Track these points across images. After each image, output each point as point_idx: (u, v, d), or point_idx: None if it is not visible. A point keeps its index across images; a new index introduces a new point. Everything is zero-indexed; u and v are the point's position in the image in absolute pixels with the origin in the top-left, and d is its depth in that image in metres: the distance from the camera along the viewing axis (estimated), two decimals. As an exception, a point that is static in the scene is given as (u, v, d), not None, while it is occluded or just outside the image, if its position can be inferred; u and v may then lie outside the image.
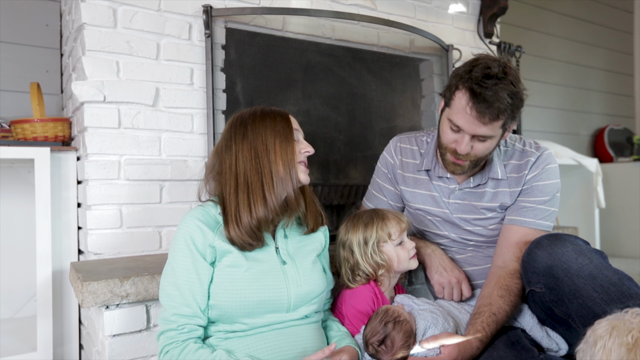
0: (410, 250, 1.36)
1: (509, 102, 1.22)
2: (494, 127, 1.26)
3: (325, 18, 1.99)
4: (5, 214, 1.84)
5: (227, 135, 1.20)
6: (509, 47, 2.52)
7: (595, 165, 3.42)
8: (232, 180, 1.16)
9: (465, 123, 1.26)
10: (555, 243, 1.20)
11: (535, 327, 1.30)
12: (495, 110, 1.22)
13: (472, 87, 1.23)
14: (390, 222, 1.34)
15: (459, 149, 1.31)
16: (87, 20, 1.58)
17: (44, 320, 1.56)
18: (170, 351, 1.06)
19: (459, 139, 1.30)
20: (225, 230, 1.14)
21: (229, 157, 1.18)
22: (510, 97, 1.22)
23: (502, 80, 1.22)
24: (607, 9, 4.35)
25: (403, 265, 1.35)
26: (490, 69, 1.23)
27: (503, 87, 1.21)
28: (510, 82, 1.23)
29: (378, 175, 1.61)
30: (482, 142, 1.29)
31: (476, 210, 1.44)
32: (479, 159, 1.35)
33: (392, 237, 1.34)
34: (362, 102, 2.16)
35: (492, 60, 1.26)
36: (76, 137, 1.76)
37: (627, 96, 4.57)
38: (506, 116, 1.24)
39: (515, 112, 1.26)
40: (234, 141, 1.18)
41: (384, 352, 1.20)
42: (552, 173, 1.39)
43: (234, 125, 1.21)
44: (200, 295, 1.10)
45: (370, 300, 1.31)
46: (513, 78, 1.24)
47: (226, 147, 1.19)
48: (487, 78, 1.22)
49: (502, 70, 1.23)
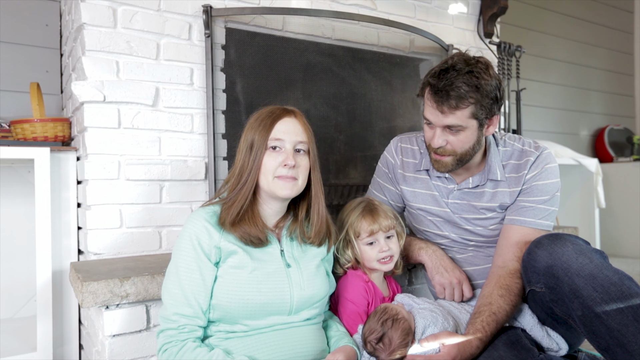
0: (380, 253, 1.35)
1: (466, 90, 1.25)
2: (459, 116, 1.28)
3: (325, 18, 1.99)
4: (5, 214, 1.84)
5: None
6: (509, 47, 2.52)
7: (596, 165, 3.42)
8: (235, 181, 1.19)
9: (431, 115, 1.32)
10: (556, 243, 1.20)
11: (536, 327, 1.30)
12: (453, 100, 1.26)
13: (430, 80, 1.30)
14: (365, 220, 1.36)
15: (433, 142, 1.35)
16: (87, 20, 1.58)
17: (44, 321, 1.56)
18: (168, 349, 1.07)
19: (433, 134, 1.34)
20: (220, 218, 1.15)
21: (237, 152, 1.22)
22: (467, 86, 1.25)
23: (460, 71, 1.26)
24: (607, 8, 4.35)
25: (371, 264, 1.36)
26: (447, 62, 1.29)
27: (460, 77, 1.25)
28: (471, 73, 1.26)
29: (379, 175, 1.61)
30: (456, 135, 1.32)
31: (475, 210, 1.44)
32: (461, 155, 1.35)
33: (361, 236, 1.36)
34: (362, 102, 2.16)
35: (459, 55, 1.31)
36: (76, 137, 1.76)
37: (627, 96, 4.57)
38: (469, 105, 1.27)
39: (482, 103, 1.28)
40: (240, 139, 1.21)
41: (381, 350, 1.20)
42: (551, 172, 1.39)
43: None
44: (203, 296, 1.10)
45: (362, 290, 1.33)
46: (478, 70, 1.27)
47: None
48: (443, 71, 1.28)
49: (463, 63, 1.27)
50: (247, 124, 1.22)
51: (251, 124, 1.20)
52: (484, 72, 1.28)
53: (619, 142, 4.14)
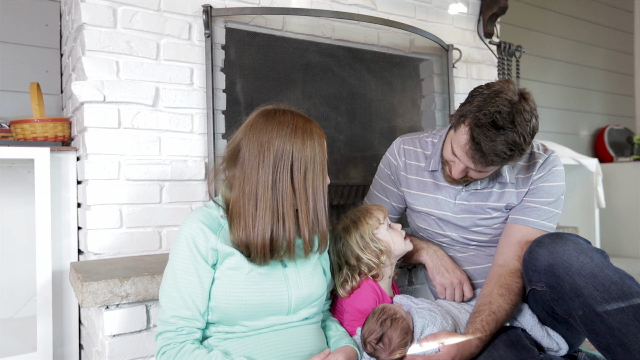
0: (401, 231, 1.40)
1: (506, 154, 1.21)
2: (489, 168, 1.29)
3: (325, 18, 1.99)
4: (5, 214, 1.84)
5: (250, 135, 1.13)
6: (509, 47, 2.52)
7: (596, 165, 3.42)
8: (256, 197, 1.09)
9: (462, 157, 1.29)
10: (557, 242, 1.20)
11: (536, 327, 1.30)
12: (489, 161, 1.23)
13: (474, 131, 1.21)
14: (372, 210, 1.39)
15: (452, 172, 1.36)
16: (87, 20, 1.58)
17: (44, 321, 1.56)
18: (167, 352, 1.06)
19: (455, 164, 1.34)
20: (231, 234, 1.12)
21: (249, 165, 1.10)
22: (509, 149, 1.20)
23: (507, 131, 1.19)
24: (607, 8, 4.35)
25: (400, 247, 1.38)
26: (499, 115, 1.19)
27: (505, 139, 1.19)
28: (516, 132, 1.19)
29: (381, 177, 1.61)
30: (477, 173, 1.33)
31: (482, 210, 1.45)
32: (475, 181, 1.40)
33: (381, 221, 1.37)
34: (362, 102, 2.16)
35: (507, 102, 1.20)
36: (76, 137, 1.76)
37: (627, 96, 4.57)
38: (503, 163, 1.26)
39: (517, 157, 1.25)
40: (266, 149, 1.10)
41: (381, 350, 1.20)
42: (557, 175, 1.40)
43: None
44: (201, 298, 1.10)
45: (372, 301, 1.32)
46: (522, 127, 1.19)
47: (260, 151, 1.10)
48: (491, 127, 1.19)
49: (511, 118, 1.19)
50: (286, 133, 1.10)
51: (296, 137, 1.09)
52: (528, 124, 1.20)
53: (619, 142, 4.14)
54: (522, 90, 1.26)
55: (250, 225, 1.08)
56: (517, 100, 1.22)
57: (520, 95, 1.24)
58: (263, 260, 1.11)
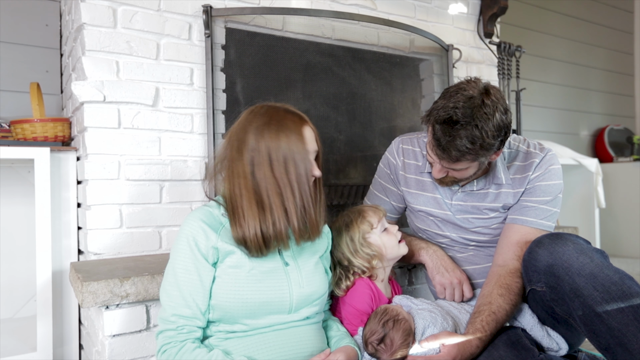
0: (396, 234, 1.39)
1: (468, 148, 1.20)
2: (459, 164, 1.27)
3: (325, 18, 1.99)
4: (5, 214, 1.84)
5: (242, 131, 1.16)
6: (509, 47, 2.52)
7: (595, 165, 3.42)
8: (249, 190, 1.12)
9: (433, 155, 1.31)
10: (557, 242, 1.20)
11: (536, 327, 1.30)
12: (453, 156, 1.23)
13: (435, 128, 1.24)
14: (367, 214, 1.37)
15: (433, 173, 1.37)
16: (87, 20, 1.58)
17: (44, 321, 1.56)
18: (167, 350, 1.07)
19: (434, 164, 1.34)
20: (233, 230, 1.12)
21: (242, 160, 1.13)
22: (470, 143, 1.19)
23: (464, 125, 1.19)
24: (607, 8, 4.35)
25: (393, 251, 1.37)
26: (456, 110, 1.20)
27: (463, 133, 1.19)
28: (475, 126, 1.19)
29: (380, 176, 1.61)
30: (456, 171, 1.32)
31: (479, 210, 1.45)
32: (462, 180, 1.39)
33: (374, 225, 1.36)
34: (362, 102, 2.16)
35: (466, 98, 1.21)
36: (76, 137, 1.76)
37: (627, 96, 4.57)
38: (471, 157, 1.24)
39: (485, 153, 1.23)
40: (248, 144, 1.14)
41: (383, 351, 1.20)
42: (555, 174, 1.40)
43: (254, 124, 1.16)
44: (202, 297, 1.10)
45: (368, 298, 1.32)
46: (481, 120, 1.19)
47: (239, 147, 1.13)
48: (448, 123, 1.21)
49: (469, 112, 1.19)
50: (258, 127, 1.14)
51: (271, 129, 1.13)
52: (489, 117, 1.20)
53: (619, 142, 4.14)
54: (487, 85, 1.26)
55: (243, 220, 1.11)
56: (477, 95, 1.22)
57: (484, 90, 1.24)
58: (260, 252, 1.12)
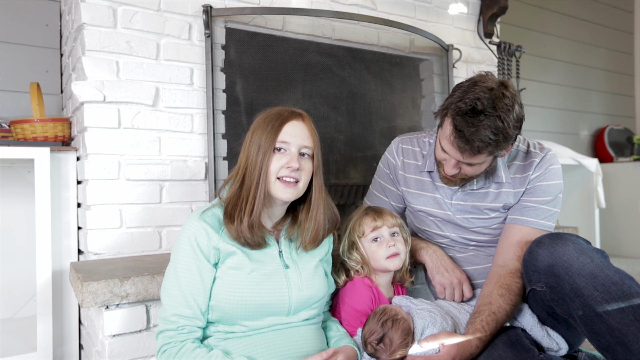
0: (387, 249, 1.34)
1: (491, 139, 1.20)
2: (478, 158, 1.27)
3: (325, 18, 1.99)
4: (5, 214, 1.84)
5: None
6: (509, 47, 2.52)
7: (595, 165, 3.42)
8: (237, 180, 1.18)
9: (449, 150, 1.29)
10: (557, 242, 1.20)
11: (536, 327, 1.30)
12: (475, 148, 1.22)
13: (456, 120, 1.23)
14: (365, 219, 1.37)
15: (445, 170, 1.35)
16: (87, 20, 1.58)
17: (44, 320, 1.56)
18: (167, 350, 1.07)
19: (447, 160, 1.34)
20: (226, 228, 1.14)
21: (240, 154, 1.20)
22: (493, 134, 1.19)
23: (488, 116, 1.19)
24: (607, 8, 4.35)
25: (378, 264, 1.35)
26: (478, 101, 1.20)
27: (487, 124, 1.19)
28: (497, 117, 1.19)
29: (380, 176, 1.61)
30: (470, 167, 1.32)
31: (479, 210, 1.45)
32: (472, 178, 1.38)
33: (365, 233, 1.36)
34: (362, 102, 2.16)
35: (486, 89, 1.22)
36: (76, 137, 1.76)
37: (627, 96, 4.57)
38: (490, 150, 1.24)
39: (503, 144, 1.24)
40: (246, 139, 1.20)
41: (382, 350, 1.20)
42: (555, 174, 1.40)
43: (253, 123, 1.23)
44: (202, 297, 1.10)
45: (368, 299, 1.32)
46: (503, 111, 1.20)
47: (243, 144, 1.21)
48: (472, 113, 1.20)
49: (491, 103, 1.20)
50: (255, 123, 1.20)
51: (259, 124, 1.18)
52: (510, 109, 1.21)
53: (619, 142, 4.14)
54: (502, 80, 1.27)
55: (236, 215, 1.14)
56: (496, 87, 1.23)
57: (500, 83, 1.25)
58: (252, 241, 1.13)
